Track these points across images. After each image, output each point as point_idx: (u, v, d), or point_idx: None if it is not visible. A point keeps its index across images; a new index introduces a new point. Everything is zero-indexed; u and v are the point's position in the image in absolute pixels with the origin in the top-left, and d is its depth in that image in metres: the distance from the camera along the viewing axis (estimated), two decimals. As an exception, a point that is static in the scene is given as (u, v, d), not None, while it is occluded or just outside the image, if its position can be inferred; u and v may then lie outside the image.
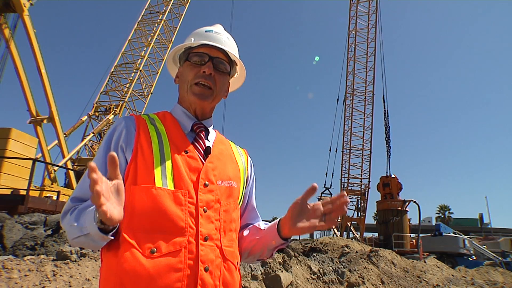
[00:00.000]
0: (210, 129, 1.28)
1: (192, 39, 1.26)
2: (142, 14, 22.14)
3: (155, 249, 0.98)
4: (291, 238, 1.17)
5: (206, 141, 1.22)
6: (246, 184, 1.32)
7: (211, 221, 1.09)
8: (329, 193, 27.96)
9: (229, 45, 1.28)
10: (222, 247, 1.09)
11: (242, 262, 1.27)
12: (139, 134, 1.11)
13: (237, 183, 1.23)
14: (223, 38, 1.27)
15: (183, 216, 1.04)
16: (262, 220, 1.37)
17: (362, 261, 8.86)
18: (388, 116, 26.54)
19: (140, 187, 1.05)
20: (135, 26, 21.75)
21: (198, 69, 1.20)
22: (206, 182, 1.11)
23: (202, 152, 1.18)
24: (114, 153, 0.88)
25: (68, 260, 3.79)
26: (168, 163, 1.08)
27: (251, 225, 1.30)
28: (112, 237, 0.97)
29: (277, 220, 1.19)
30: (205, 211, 1.08)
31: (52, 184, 13.02)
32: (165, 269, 0.97)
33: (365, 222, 26.19)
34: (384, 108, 26.63)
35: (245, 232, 1.28)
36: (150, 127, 1.15)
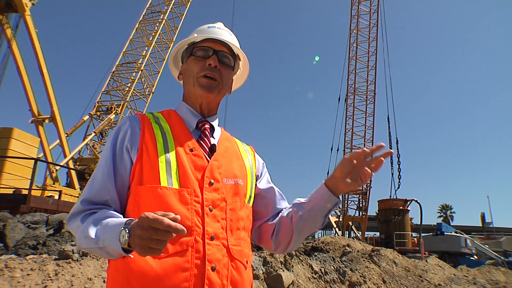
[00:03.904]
0: (216, 126, 1.28)
1: (195, 35, 1.27)
2: (143, 13, 22.16)
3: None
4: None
5: (211, 138, 1.21)
6: (256, 180, 1.31)
7: (217, 220, 1.08)
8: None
9: (232, 40, 1.29)
10: (229, 246, 1.08)
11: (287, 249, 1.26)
12: (144, 133, 1.11)
13: (244, 180, 1.22)
14: (225, 33, 1.29)
15: (189, 215, 1.03)
16: None
17: (363, 260, 8.84)
18: (398, 143, 25.17)
19: (146, 187, 1.04)
20: (137, 26, 21.75)
21: (203, 63, 1.21)
22: (212, 181, 1.10)
23: (207, 150, 1.17)
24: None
25: (70, 260, 3.79)
26: (173, 162, 1.08)
27: (287, 207, 1.28)
28: (132, 256, 0.94)
29: (322, 184, 1.20)
30: (211, 210, 1.07)
31: (54, 183, 13.04)
32: (172, 269, 0.97)
33: (367, 221, 26.19)
34: (389, 129, 25.61)
35: (285, 213, 1.25)
36: (154, 126, 1.14)
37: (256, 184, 1.30)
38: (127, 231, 0.87)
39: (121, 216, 1.03)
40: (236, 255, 1.10)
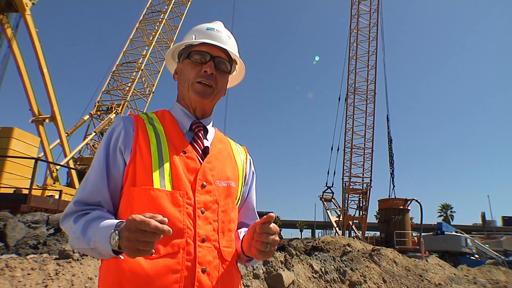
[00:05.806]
0: (209, 127, 1.27)
1: (193, 36, 1.24)
2: (143, 13, 22.14)
3: (154, 250, 0.97)
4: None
5: (204, 140, 1.21)
6: (245, 182, 1.31)
7: (209, 222, 1.09)
8: (330, 192, 27.98)
9: (230, 43, 1.27)
10: (220, 248, 1.09)
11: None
12: (137, 135, 1.11)
13: (236, 182, 1.23)
14: (224, 37, 1.26)
15: (181, 217, 1.04)
16: None
17: (364, 260, 8.84)
18: (391, 142, 25.82)
19: (138, 189, 1.05)
20: (137, 25, 21.73)
21: (200, 68, 1.19)
22: (204, 183, 1.11)
23: (201, 152, 1.17)
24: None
25: (71, 259, 3.80)
26: (166, 164, 1.08)
27: (236, 231, 1.26)
28: (122, 257, 0.95)
29: (242, 236, 1.18)
30: (202, 212, 1.08)
31: (54, 183, 13.05)
32: (163, 270, 0.98)
33: (367, 221, 26.18)
34: (388, 128, 26.06)
35: (241, 232, 1.26)
36: (148, 127, 1.14)
37: (243, 187, 1.30)
38: (117, 233, 0.88)
39: (113, 217, 1.04)
40: (227, 257, 1.11)
